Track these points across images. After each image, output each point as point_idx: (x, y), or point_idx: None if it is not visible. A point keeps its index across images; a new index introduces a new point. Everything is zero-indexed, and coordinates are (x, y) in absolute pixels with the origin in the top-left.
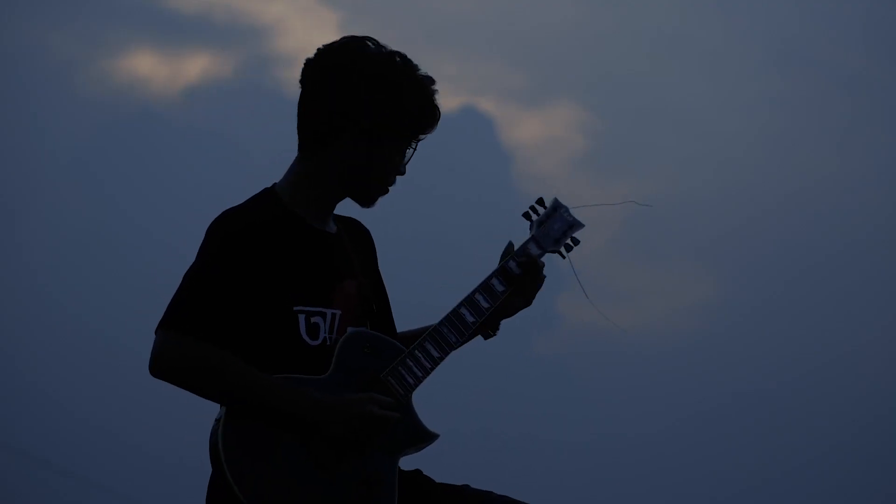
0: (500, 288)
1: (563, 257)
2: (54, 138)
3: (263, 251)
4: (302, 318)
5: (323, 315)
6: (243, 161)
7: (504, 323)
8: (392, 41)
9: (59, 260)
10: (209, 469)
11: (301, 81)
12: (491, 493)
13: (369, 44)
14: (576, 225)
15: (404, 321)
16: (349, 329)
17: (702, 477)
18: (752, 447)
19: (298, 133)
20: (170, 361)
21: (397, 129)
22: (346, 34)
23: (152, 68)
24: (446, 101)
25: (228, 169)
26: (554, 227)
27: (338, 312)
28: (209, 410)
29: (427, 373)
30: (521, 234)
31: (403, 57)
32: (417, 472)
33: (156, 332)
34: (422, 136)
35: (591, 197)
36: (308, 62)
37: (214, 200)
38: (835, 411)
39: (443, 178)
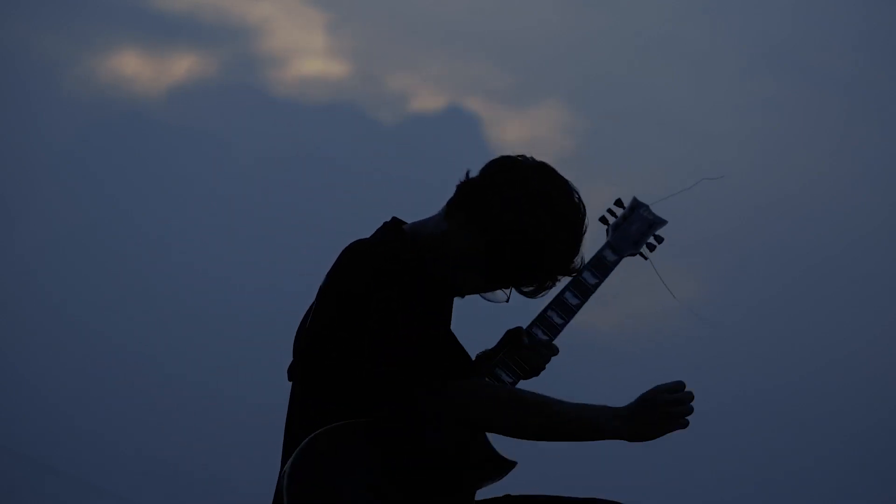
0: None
1: (646, 258)
2: (40, 138)
3: (429, 284)
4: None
5: None
6: (229, 160)
7: (491, 323)
8: (379, 41)
9: (48, 259)
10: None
11: (487, 167)
12: (534, 495)
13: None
14: (657, 222)
15: None
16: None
17: (692, 479)
18: (742, 449)
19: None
20: (481, 407)
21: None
22: (332, 36)
23: (138, 68)
24: (432, 100)
25: (214, 168)
26: (632, 228)
27: None
28: (209, 412)
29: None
30: None
31: (581, 200)
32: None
33: (427, 392)
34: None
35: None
36: (509, 158)
37: (200, 199)
38: (825, 413)
39: (430, 177)
